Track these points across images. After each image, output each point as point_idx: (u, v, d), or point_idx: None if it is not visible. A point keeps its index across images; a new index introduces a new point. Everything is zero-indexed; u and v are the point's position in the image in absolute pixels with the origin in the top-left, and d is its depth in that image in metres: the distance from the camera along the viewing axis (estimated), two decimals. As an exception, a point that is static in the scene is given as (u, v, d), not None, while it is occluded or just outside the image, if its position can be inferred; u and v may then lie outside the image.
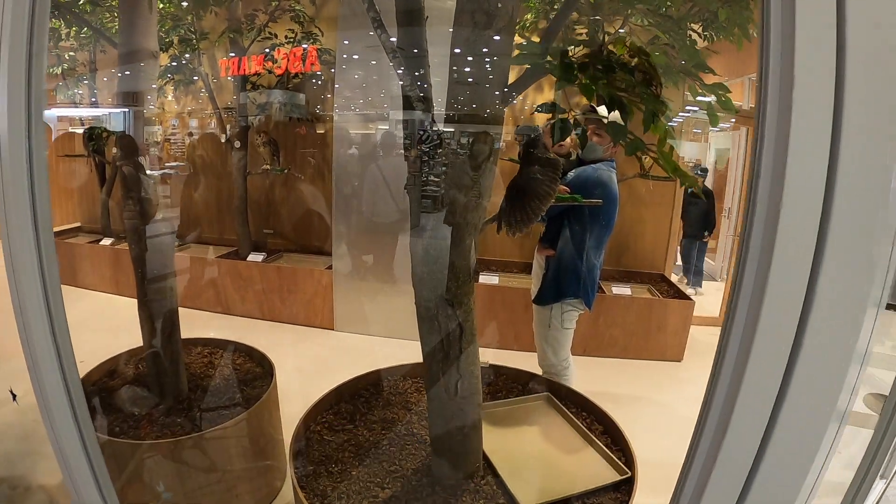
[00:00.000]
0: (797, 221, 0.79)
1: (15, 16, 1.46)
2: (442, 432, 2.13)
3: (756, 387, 0.86)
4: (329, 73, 5.55)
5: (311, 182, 6.03)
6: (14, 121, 1.49)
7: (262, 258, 5.75)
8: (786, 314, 0.82)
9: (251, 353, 3.35)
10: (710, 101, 1.94)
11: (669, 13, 2.35)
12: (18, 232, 1.55)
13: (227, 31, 5.34)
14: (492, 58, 1.76)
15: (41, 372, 1.66)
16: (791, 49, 0.77)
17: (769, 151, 0.81)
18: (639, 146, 1.67)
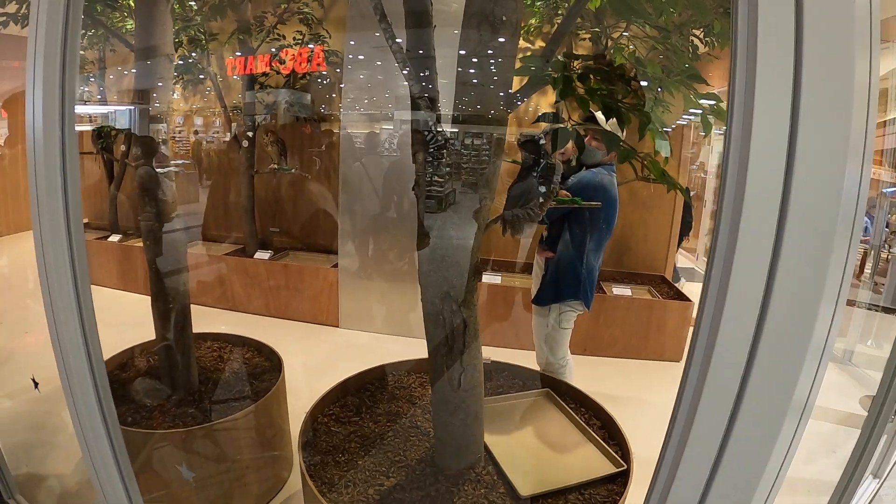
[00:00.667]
0: (756, 224, 0.88)
1: (50, 19, 1.56)
2: (445, 423, 2.22)
3: (719, 377, 0.95)
4: (336, 74, 5.64)
5: (317, 181, 6.12)
6: (48, 119, 1.59)
7: (268, 256, 5.84)
8: (746, 307, 0.90)
9: (260, 347, 3.44)
10: (702, 109, 2.03)
11: (667, 25, 2.43)
12: (51, 227, 1.65)
13: (236, 33, 5.42)
14: (497, 61, 1.84)
15: (70, 364, 1.76)
16: (754, 69, 0.86)
17: (734, 157, 0.90)
18: (630, 154, 1.76)
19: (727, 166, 0.90)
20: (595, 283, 3.31)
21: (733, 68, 0.90)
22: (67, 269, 1.69)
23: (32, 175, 1.66)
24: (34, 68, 1.61)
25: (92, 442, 1.85)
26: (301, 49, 5.23)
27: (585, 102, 1.61)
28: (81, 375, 1.78)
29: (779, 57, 0.86)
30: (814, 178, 0.85)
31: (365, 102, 5.35)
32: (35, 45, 1.61)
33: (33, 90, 1.62)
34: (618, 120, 1.74)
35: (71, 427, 3.40)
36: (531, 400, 2.92)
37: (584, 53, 4.78)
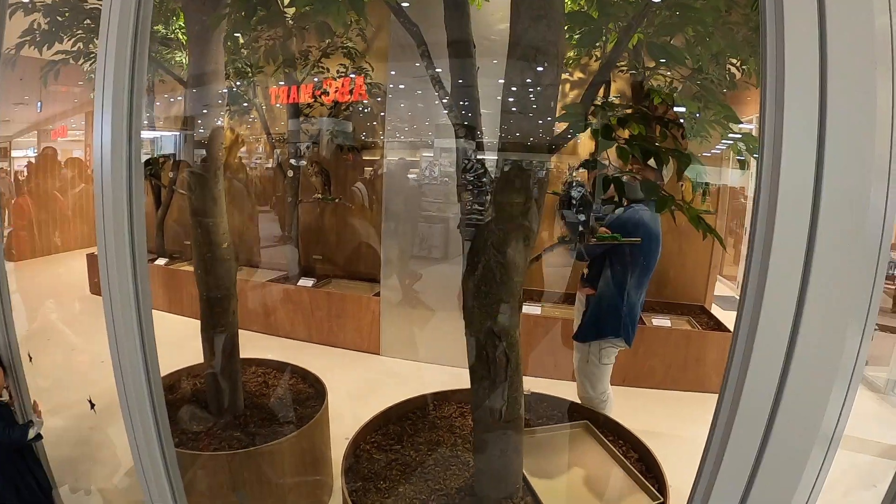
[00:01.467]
0: (786, 253, 0.94)
1: (119, 51, 1.67)
2: (485, 454, 2.26)
3: (749, 409, 1.00)
4: (378, 105, 5.77)
5: (360, 210, 6.25)
6: (116, 152, 1.70)
7: (311, 283, 5.96)
8: (776, 337, 0.97)
9: (304, 374, 3.53)
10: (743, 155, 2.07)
11: (703, 64, 2.47)
12: (116, 254, 1.74)
13: (281, 66, 5.58)
14: (541, 92, 1.89)
15: (129, 385, 1.85)
16: (782, 97, 0.92)
17: (765, 189, 0.96)
18: (668, 203, 1.80)
19: (758, 199, 0.96)
20: (637, 319, 3.28)
21: (763, 104, 0.96)
22: (131, 294, 1.79)
23: (99, 202, 1.76)
24: (103, 99, 1.72)
25: (147, 461, 1.93)
26: (343, 80, 5.37)
27: (626, 154, 1.66)
28: (140, 396, 1.86)
29: (804, 93, 0.92)
30: (840, 207, 0.91)
31: (406, 130, 5.45)
32: (104, 78, 1.71)
33: (101, 125, 1.73)
34: (656, 162, 1.78)
35: (115, 443, 3.52)
36: (570, 432, 2.94)
37: (621, 92, 4.84)
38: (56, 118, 8.52)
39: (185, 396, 3.30)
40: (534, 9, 1.79)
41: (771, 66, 0.96)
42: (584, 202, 2.88)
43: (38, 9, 3.69)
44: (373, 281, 5.98)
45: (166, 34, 4.82)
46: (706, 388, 4.82)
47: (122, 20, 1.67)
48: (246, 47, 5.31)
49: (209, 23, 2.83)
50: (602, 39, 2.31)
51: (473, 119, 1.99)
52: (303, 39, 5.48)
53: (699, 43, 2.14)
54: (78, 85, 6.57)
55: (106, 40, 1.71)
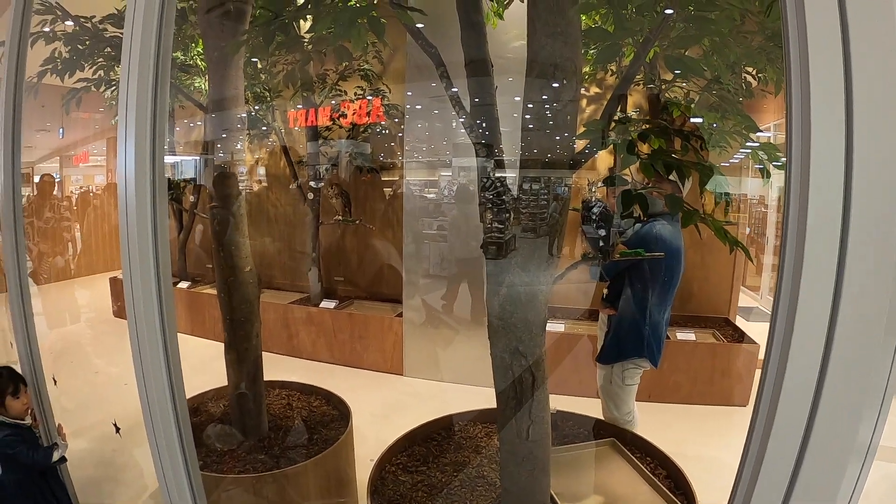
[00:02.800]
0: (817, 270, 0.93)
1: (141, 76, 1.70)
2: (512, 474, 2.24)
3: (785, 422, 0.98)
4: (395, 125, 5.81)
5: (381, 231, 6.28)
6: (140, 178, 1.72)
7: (333, 305, 5.99)
8: (811, 349, 0.95)
9: (328, 396, 3.53)
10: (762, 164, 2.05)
11: (722, 77, 2.46)
12: (141, 278, 1.75)
13: (299, 90, 5.63)
14: (562, 108, 1.88)
15: (155, 409, 1.85)
16: (808, 107, 0.91)
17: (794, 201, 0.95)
18: (693, 217, 1.78)
19: (787, 210, 0.95)
20: (662, 338, 3.21)
21: (789, 112, 0.95)
22: (156, 317, 1.80)
23: (124, 226, 1.78)
24: (126, 125, 1.74)
25: (172, 483, 1.93)
26: (360, 102, 5.41)
27: (650, 169, 1.65)
28: (165, 419, 1.86)
29: (830, 98, 0.91)
30: (872, 214, 0.90)
31: (423, 151, 5.48)
32: (126, 105, 1.74)
33: (125, 151, 1.75)
34: (678, 175, 1.77)
35: (138, 465, 3.53)
36: (597, 450, 2.91)
37: (638, 105, 4.83)
38: (77, 144, 8.66)
39: (209, 419, 3.31)
40: (550, 26, 1.79)
41: (795, 73, 0.96)
42: (604, 218, 2.86)
43: (58, 38, 3.76)
44: (395, 301, 5.98)
45: (185, 60, 4.89)
46: (734, 402, 4.76)
47: (144, 48, 1.70)
48: (264, 72, 5.36)
49: (228, 50, 2.86)
50: (619, 54, 2.31)
51: (493, 138, 1.99)
52: (321, 63, 5.53)
53: (716, 53, 2.13)
54: (98, 111, 6.68)
55: (128, 68, 1.74)
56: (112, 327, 6.87)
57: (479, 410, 3.11)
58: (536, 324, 2.00)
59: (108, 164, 8.81)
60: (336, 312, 5.88)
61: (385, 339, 5.62)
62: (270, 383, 3.59)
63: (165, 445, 1.89)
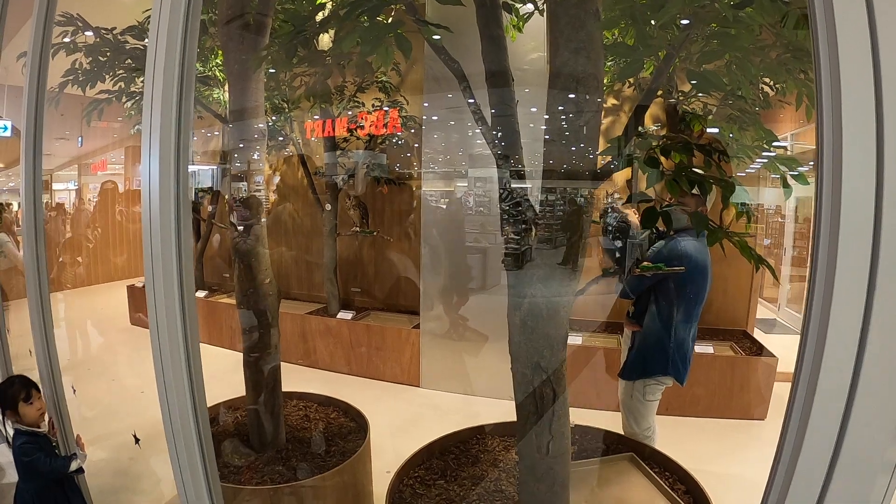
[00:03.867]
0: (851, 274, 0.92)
1: (166, 84, 1.71)
2: (531, 490, 2.22)
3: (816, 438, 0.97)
4: (413, 136, 5.83)
5: (398, 243, 6.30)
6: (164, 187, 1.73)
7: (350, 316, 6.00)
8: (843, 361, 0.94)
9: (346, 408, 3.54)
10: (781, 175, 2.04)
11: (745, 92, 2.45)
12: (164, 287, 1.77)
13: (318, 102, 5.66)
14: (585, 121, 1.88)
15: (175, 416, 1.86)
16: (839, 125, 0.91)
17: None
18: (718, 235, 1.77)
19: (819, 221, 0.95)
20: (688, 356, 3.17)
21: (820, 123, 0.95)
22: (178, 327, 1.81)
23: (147, 238, 1.79)
24: (150, 136, 1.76)
25: (192, 492, 1.94)
26: (378, 113, 5.44)
27: (675, 187, 1.65)
28: (186, 428, 1.87)
29: (861, 109, 0.91)
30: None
31: (440, 161, 5.48)
32: (151, 119, 1.76)
33: (149, 161, 1.76)
34: (700, 190, 1.77)
35: (155, 474, 3.54)
36: (615, 464, 2.88)
37: (656, 117, 4.82)
38: (95, 153, 8.75)
39: (226, 429, 3.32)
40: (573, 42, 1.79)
41: (825, 84, 0.96)
42: (622, 230, 2.85)
43: (79, 49, 3.81)
44: (412, 313, 5.98)
45: (204, 72, 4.93)
46: (752, 416, 4.71)
47: (169, 59, 1.72)
48: (284, 84, 5.40)
49: (251, 64, 2.89)
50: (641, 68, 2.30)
51: (514, 150, 1.99)
52: (343, 77, 5.56)
53: (738, 67, 2.12)
54: (117, 121, 6.75)
55: (153, 80, 1.76)
56: (128, 336, 6.93)
57: (497, 423, 3.09)
58: (558, 338, 2.00)
59: (125, 173, 8.90)
60: (353, 323, 5.90)
61: (402, 350, 5.62)
62: (288, 394, 3.60)
63: (186, 456, 1.89)
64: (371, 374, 5.79)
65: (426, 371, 5.53)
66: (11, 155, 6.11)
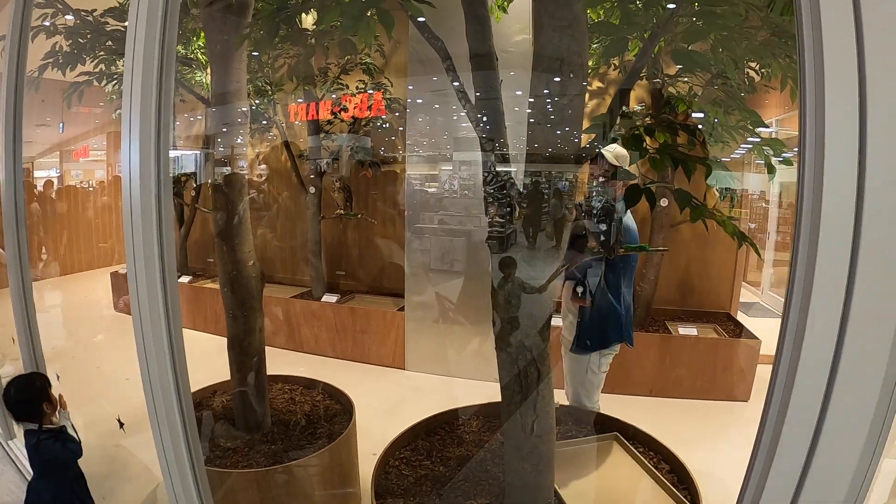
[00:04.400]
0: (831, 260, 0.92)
1: (146, 65, 1.69)
2: (517, 469, 2.24)
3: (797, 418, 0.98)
4: (397, 119, 5.80)
5: (383, 226, 6.27)
6: (145, 171, 1.71)
7: (335, 299, 5.98)
8: (823, 343, 0.95)
9: (331, 391, 3.53)
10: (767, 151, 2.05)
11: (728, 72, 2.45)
12: (145, 271, 1.75)
13: (301, 83, 5.62)
14: (568, 103, 1.87)
15: (159, 402, 1.85)
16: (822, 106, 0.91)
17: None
18: (702, 213, 1.78)
19: (801, 208, 0.95)
20: (633, 318, 3.31)
21: (803, 107, 0.95)
22: (161, 312, 1.80)
23: (128, 221, 1.77)
24: (130, 119, 1.73)
25: (176, 476, 1.93)
26: (361, 95, 5.40)
27: (658, 163, 1.65)
28: (170, 412, 1.86)
29: (844, 93, 0.91)
30: (885, 210, 0.89)
31: (424, 145, 5.46)
32: (131, 99, 1.73)
33: (129, 144, 1.74)
34: (684, 170, 1.77)
35: (141, 461, 3.53)
36: (600, 444, 2.90)
37: (641, 100, 4.82)
38: (77, 139, 8.65)
39: (212, 413, 3.31)
40: (557, 20, 1.78)
41: (809, 68, 0.95)
42: (607, 212, 2.86)
43: (59, 31, 3.75)
44: (397, 296, 5.98)
45: (186, 54, 4.87)
46: (736, 397, 4.76)
47: (148, 41, 1.69)
48: (266, 65, 5.34)
49: (233, 43, 2.85)
50: (625, 49, 2.30)
51: (499, 131, 1.98)
52: (325, 56, 5.51)
53: (723, 47, 2.12)
54: (99, 106, 6.66)
55: (132, 61, 1.73)
56: (112, 323, 6.88)
57: (481, 405, 3.10)
58: (542, 318, 2.00)
59: (108, 159, 8.80)
60: (338, 307, 5.89)
61: (387, 333, 5.63)
62: (273, 377, 3.59)
63: (170, 441, 1.89)
64: (356, 357, 5.79)
65: (411, 353, 5.54)
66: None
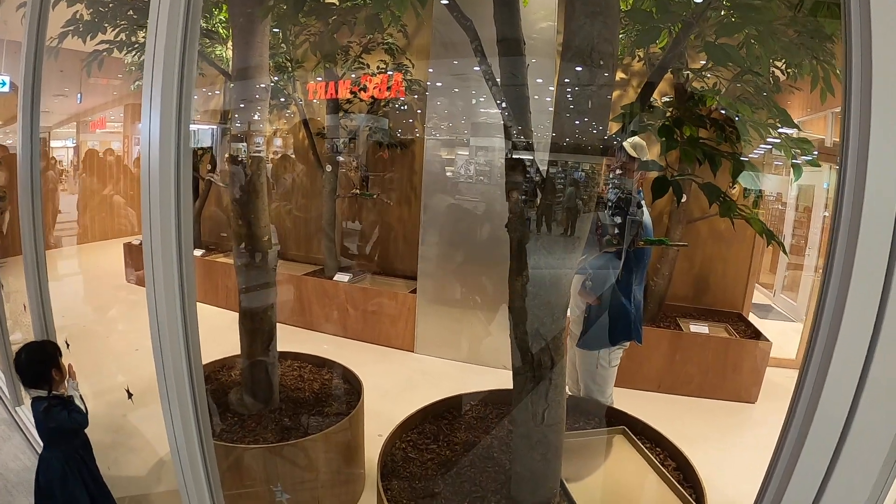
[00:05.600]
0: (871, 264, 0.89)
1: (169, 34, 1.67)
2: (525, 457, 2.23)
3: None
4: (417, 101, 5.77)
5: (398, 206, 6.26)
6: (165, 143, 1.70)
7: (347, 279, 5.97)
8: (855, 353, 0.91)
9: (341, 369, 3.54)
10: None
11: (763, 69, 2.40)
12: (161, 242, 1.74)
13: (322, 61, 5.59)
14: (596, 93, 1.84)
15: (170, 374, 1.85)
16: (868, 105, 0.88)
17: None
18: (732, 208, 1.75)
19: (839, 212, 0.92)
20: (642, 315, 3.30)
21: (846, 111, 0.92)
22: (176, 284, 1.79)
23: (146, 192, 1.76)
24: (151, 90, 1.72)
25: (184, 451, 1.93)
26: (381, 76, 5.37)
27: (690, 156, 1.62)
28: (180, 384, 1.86)
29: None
30: None
31: (442, 129, 5.42)
32: (153, 69, 1.71)
33: (150, 115, 1.73)
34: (711, 165, 1.74)
35: (147, 432, 3.55)
36: (607, 437, 2.89)
37: (664, 93, 4.77)
38: (94, 110, 8.68)
39: (221, 387, 3.32)
40: (589, 5, 1.75)
41: (856, 70, 0.92)
42: (626, 204, 2.83)
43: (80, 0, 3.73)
44: (409, 278, 5.97)
45: (207, 27, 4.85)
46: (743, 398, 4.73)
47: (173, 10, 1.67)
48: (287, 41, 5.32)
49: (258, 14, 2.83)
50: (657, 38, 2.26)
51: (524, 117, 1.95)
52: (350, 32, 5.48)
53: (757, 42, 2.08)
54: (117, 77, 6.67)
55: (156, 30, 1.71)
56: (124, 293, 6.92)
57: (490, 391, 3.10)
58: (558, 306, 1.99)
59: (125, 131, 8.82)
60: (350, 286, 5.89)
61: (398, 314, 5.62)
62: (283, 354, 3.59)
63: (179, 414, 1.88)
64: (365, 338, 5.79)
65: (421, 336, 5.53)
66: (9, 112, 6.06)
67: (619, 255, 3.06)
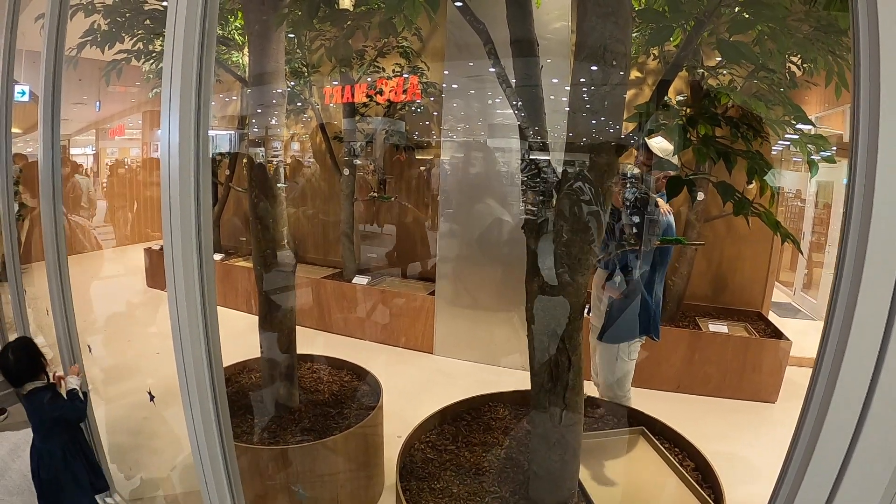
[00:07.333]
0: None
1: (187, 41, 1.69)
2: (543, 458, 2.23)
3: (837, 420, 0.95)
4: (433, 104, 5.78)
5: (416, 209, 6.28)
6: (184, 149, 1.72)
7: (366, 281, 6.01)
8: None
9: (360, 372, 3.57)
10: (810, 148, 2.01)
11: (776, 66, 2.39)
12: (182, 248, 1.76)
13: (338, 66, 5.63)
14: (610, 93, 1.84)
15: (192, 377, 1.87)
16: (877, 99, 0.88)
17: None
18: (746, 207, 1.74)
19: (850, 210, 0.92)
20: (661, 313, 3.35)
21: (856, 106, 0.92)
22: (196, 290, 1.81)
23: (166, 198, 1.79)
24: (170, 97, 1.74)
25: (205, 452, 1.95)
26: (397, 79, 5.39)
27: (703, 155, 1.62)
28: (202, 387, 1.88)
29: None
30: None
31: (459, 130, 5.43)
32: (171, 78, 1.74)
33: (169, 121, 1.75)
34: (725, 164, 1.74)
35: (169, 433, 3.59)
36: (626, 437, 2.89)
37: (679, 90, 4.75)
38: (113, 118, 8.79)
39: (240, 391, 3.35)
40: (600, 6, 1.75)
41: (864, 64, 0.92)
42: (642, 203, 2.83)
43: (97, 10, 3.79)
44: (428, 280, 5.99)
45: (223, 34, 4.90)
46: (762, 398, 4.69)
47: (189, 18, 1.69)
48: (303, 47, 5.35)
49: (273, 22, 2.85)
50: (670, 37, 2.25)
51: (538, 118, 1.96)
52: (365, 37, 5.51)
53: (770, 39, 2.07)
54: (135, 85, 6.75)
55: (173, 38, 1.73)
56: (146, 298, 7.00)
57: (508, 392, 3.10)
58: (575, 307, 1.99)
59: (143, 138, 8.93)
60: (368, 289, 5.92)
61: (416, 317, 5.65)
62: (302, 357, 3.62)
63: (200, 416, 1.91)
64: (384, 340, 5.82)
65: (440, 338, 5.55)
66: (29, 120, 6.16)
67: (639, 254, 3.08)
